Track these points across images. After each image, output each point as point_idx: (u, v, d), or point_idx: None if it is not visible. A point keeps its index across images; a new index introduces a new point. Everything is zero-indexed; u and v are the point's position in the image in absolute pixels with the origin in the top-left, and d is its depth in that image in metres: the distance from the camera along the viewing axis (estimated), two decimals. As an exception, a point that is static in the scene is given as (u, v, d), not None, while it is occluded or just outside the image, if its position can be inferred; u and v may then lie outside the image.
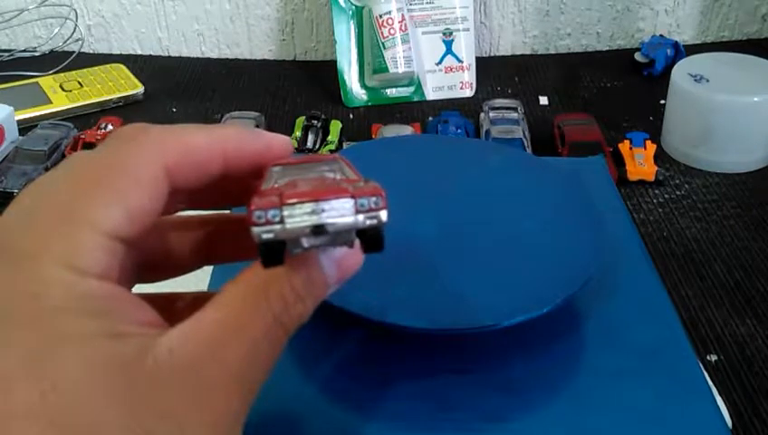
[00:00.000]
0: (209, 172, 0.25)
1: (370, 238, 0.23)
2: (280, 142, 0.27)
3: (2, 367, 0.20)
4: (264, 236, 0.22)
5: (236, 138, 0.26)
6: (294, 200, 0.22)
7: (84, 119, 0.85)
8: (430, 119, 0.82)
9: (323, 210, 0.22)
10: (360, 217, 0.22)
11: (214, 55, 1.00)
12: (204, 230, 0.29)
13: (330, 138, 0.78)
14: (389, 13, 0.85)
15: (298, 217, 0.22)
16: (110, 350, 0.21)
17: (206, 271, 0.40)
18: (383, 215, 0.23)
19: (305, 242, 0.22)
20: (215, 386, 0.22)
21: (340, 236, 0.23)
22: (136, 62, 0.97)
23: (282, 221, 0.22)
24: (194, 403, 0.22)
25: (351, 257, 0.25)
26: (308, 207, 0.22)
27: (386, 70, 0.86)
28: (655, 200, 0.70)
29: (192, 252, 0.29)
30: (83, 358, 0.21)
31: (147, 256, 0.27)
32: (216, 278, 0.39)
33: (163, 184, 0.24)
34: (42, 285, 0.21)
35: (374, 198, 0.23)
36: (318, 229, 0.22)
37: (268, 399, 0.33)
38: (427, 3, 0.88)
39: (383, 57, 0.86)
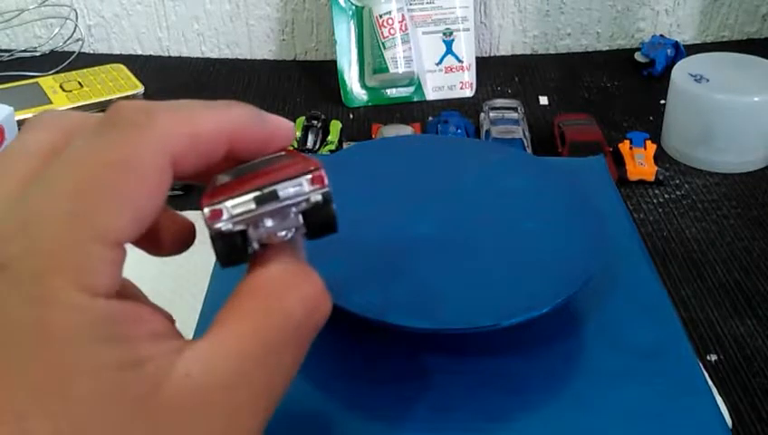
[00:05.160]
0: (213, 158, 0.24)
1: (320, 216, 0.23)
2: (284, 131, 0.26)
3: (14, 404, 0.19)
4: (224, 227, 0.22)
5: (243, 123, 0.25)
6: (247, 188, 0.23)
7: (84, 119, 0.84)
8: (430, 119, 0.82)
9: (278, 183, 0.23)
10: (307, 187, 0.23)
11: (214, 55, 1.00)
12: None
13: (330, 138, 0.78)
14: (389, 13, 0.85)
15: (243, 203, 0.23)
16: (125, 382, 0.20)
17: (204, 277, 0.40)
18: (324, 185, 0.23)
19: (267, 223, 0.23)
20: (239, 406, 0.21)
21: (289, 217, 0.23)
22: (136, 63, 0.97)
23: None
24: (216, 427, 0.21)
25: None
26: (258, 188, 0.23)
27: (386, 70, 0.86)
28: (655, 200, 0.70)
29: None
30: (99, 393, 0.20)
31: None
32: (214, 289, 0.39)
33: (169, 177, 0.22)
34: (50, 309, 0.20)
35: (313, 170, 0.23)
36: (268, 196, 0.23)
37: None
38: (427, 3, 0.88)
39: (383, 57, 0.86)
